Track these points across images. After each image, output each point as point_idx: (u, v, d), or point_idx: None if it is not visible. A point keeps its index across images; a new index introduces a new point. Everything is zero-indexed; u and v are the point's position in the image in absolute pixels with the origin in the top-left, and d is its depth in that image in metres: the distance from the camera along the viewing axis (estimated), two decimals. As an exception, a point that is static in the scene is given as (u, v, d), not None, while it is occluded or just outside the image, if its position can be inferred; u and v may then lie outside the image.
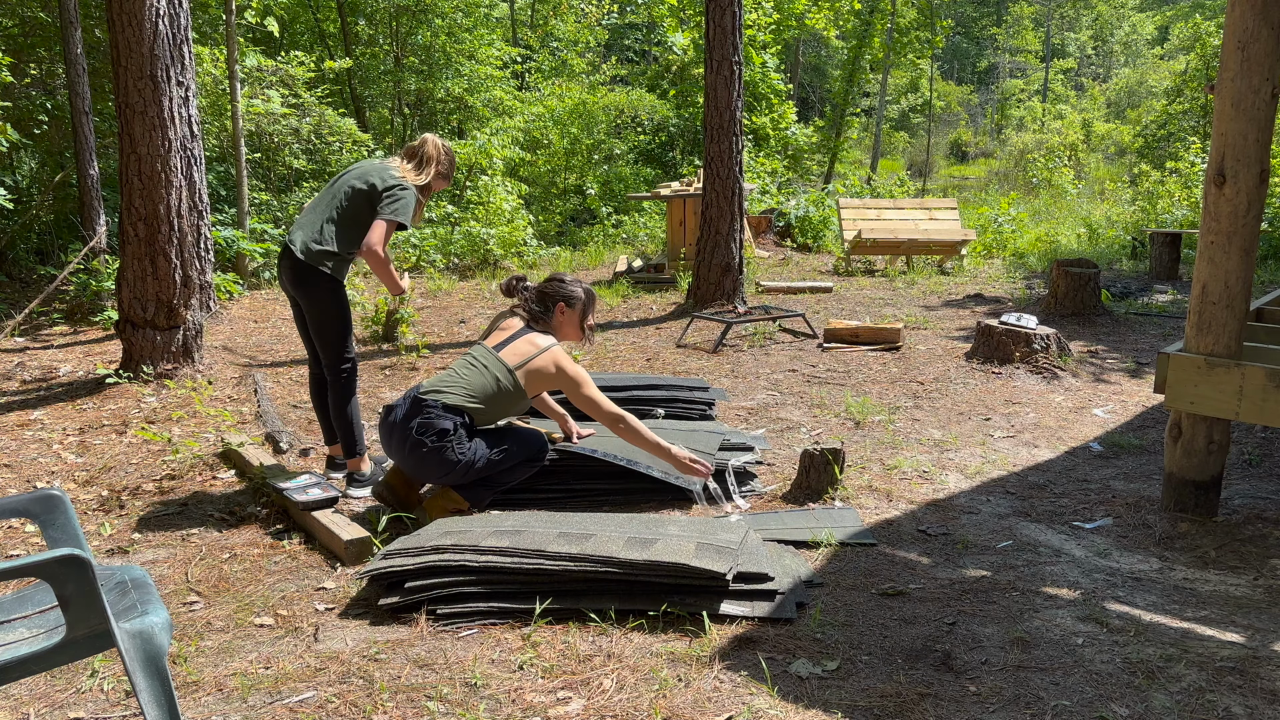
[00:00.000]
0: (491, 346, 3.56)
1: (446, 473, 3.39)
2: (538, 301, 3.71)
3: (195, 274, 5.93)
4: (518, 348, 3.53)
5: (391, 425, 3.42)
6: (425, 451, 3.33)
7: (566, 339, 3.76)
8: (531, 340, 3.55)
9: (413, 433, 3.33)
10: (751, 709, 2.30)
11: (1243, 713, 2.27)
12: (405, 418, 3.38)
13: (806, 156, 19.04)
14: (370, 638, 2.70)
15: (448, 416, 3.36)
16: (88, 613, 1.78)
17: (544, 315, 3.69)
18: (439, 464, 3.36)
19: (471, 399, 3.43)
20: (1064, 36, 41.51)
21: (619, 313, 8.43)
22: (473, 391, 3.44)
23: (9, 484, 4.11)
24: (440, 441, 3.33)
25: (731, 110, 7.94)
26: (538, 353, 3.51)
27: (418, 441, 3.33)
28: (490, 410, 3.48)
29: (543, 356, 3.51)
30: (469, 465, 3.38)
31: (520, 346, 3.53)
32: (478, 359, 3.53)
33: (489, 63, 14.97)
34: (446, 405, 3.38)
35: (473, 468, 3.40)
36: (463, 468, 3.38)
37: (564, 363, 3.52)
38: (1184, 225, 12.07)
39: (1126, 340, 6.90)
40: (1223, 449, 3.54)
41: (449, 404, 3.39)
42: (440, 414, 3.36)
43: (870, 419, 4.99)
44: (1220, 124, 3.32)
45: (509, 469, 3.51)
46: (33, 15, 9.91)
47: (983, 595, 2.95)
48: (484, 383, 3.45)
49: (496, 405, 3.48)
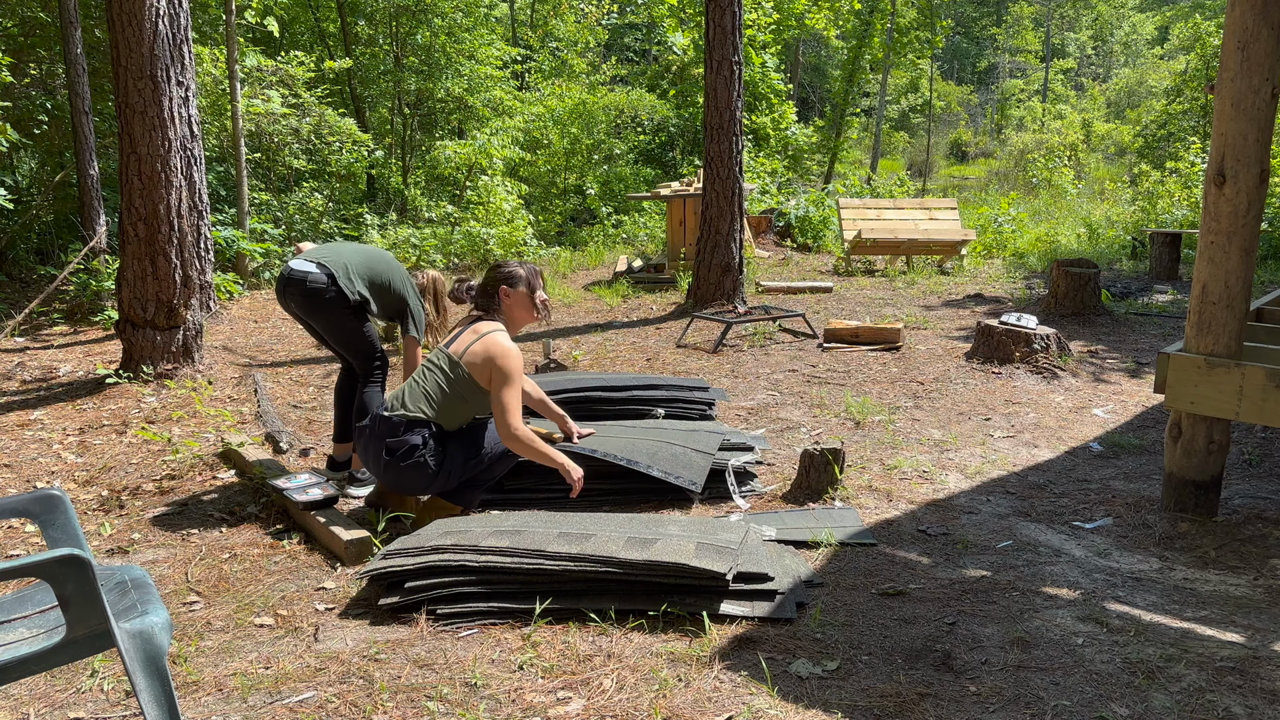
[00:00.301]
0: (444, 345, 3.50)
1: (427, 484, 3.36)
2: (482, 295, 3.60)
3: (195, 274, 5.93)
4: (464, 340, 3.44)
5: (365, 446, 3.39)
6: (402, 468, 3.30)
7: (521, 322, 3.62)
8: (474, 329, 3.46)
9: (384, 454, 3.30)
10: (751, 709, 2.30)
11: (1243, 713, 2.27)
12: (375, 437, 3.34)
13: (806, 156, 19.04)
14: (370, 638, 2.70)
15: (415, 431, 3.31)
16: (88, 613, 1.78)
17: (492, 305, 3.58)
18: (417, 478, 3.33)
19: (430, 405, 3.36)
20: (1064, 36, 41.51)
21: (619, 313, 8.43)
22: (431, 397, 3.37)
23: (9, 484, 4.11)
24: (412, 458, 3.28)
25: (731, 110, 7.94)
26: (475, 339, 3.41)
27: (390, 462, 3.30)
28: (452, 411, 3.39)
29: (478, 344, 3.39)
30: (447, 474, 3.35)
31: (466, 338, 3.44)
32: (431, 362, 3.46)
33: (489, 63, 14.97)
34: (410, 420, 3.33)
35: (452, 475, 3.37)
36: (442, 477, 3.35)
37: (495, 351, 3.35)
38: (1184, 225, 12.07)
39: (1126, 340, 6.90)
40: (1223, 449, 3.54)
41: (411, 417, 3.33)
42: (406, 430, 3.31)
43: (870, 419, 4.99)
44: (1220, 124, 3.32)
45: (489, 465, 3.47)
46: (33, 15, 9.91)
47: (983, 595, 2.95)
48: (437, 384, 3.38)
49: (455, 404, 3.39)
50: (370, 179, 13.94)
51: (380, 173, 13.99)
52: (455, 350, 3.42)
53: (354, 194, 12.69)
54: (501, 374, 3.34)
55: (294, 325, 7.87)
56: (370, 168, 13.08)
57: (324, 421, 5.07)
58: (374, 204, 13.58)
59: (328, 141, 11.46)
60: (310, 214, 10.89)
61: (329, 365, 6.43)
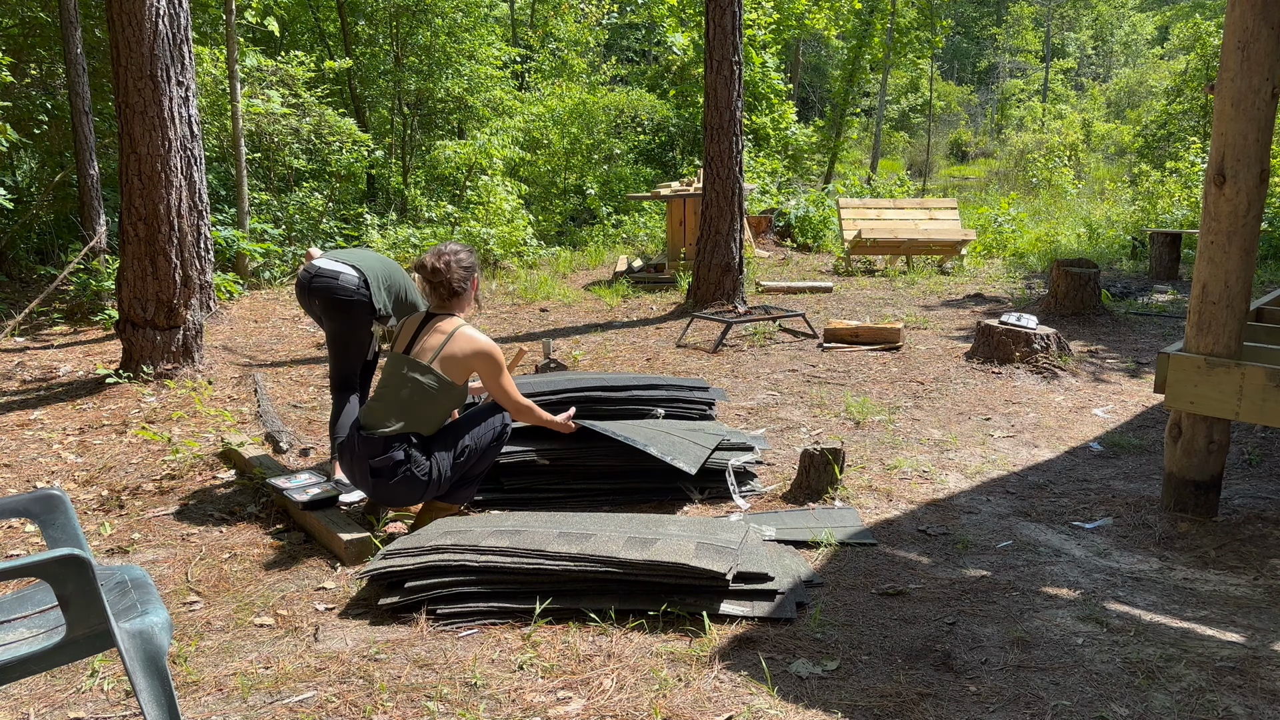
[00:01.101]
0: (401, 351, 3.37)
1: (419, 495, 3.33)
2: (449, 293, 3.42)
3: (195, 274, 5.93)
4: (429, 341, 3.32)
5: (350, 466, 3.34)
6: (392, 485, 3.25)
7: (466, 314, 3.53)
8: (438, 330, 3.35)
9: (370, 474, 3.26)
10: (751, 709, 2.30)
11: (1243, 713, 2.27)
12: (359, 459, 3.28)
13: (806, 156, 19.03)
14: (370, 638, 2.70)
15: (396, 447, 3.22)
16: (88, 613, 1.78)
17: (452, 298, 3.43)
18: (407, 491, 3.28)
19: (406, 416, 3.26)
20: (1064, 36, 41.50)
21: (619, 313, 8.43)
22: (405, 407, 3.26)
23: (9, 484, 4.11)
24: (397, 474, 3.23)
25: (731, 110, 7.94)
26: (445, 339, 3.30)
27: (379, 482, 3.25)
28: (427, 416, 3.30)
29: (453, 344, 3.30)
30: (437, 481, 3.30)
31: (431, 339, 3.32)
32: (393, 372, 3.34)
33: (489, 63, 14.97)
34: (388, 437, 3.24)
35: (443, 480, 3.31)
36: (433, 485, 3.30)
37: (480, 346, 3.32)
38: (1184, 225, 12.07)
39: (1126, 340, 6.90)
40: (1223, 449, 3.54)
41: (389, 434, 3.24)
42: (386, 447, 3.22)
43: (870, 419, 4.98)
44: (1220, 124, 3.32)
45: (478, 459, 3.41)
46: (33, 15, 9.91)
47: (983, 595, 2.95)
48: (409, 394, 3.27)
49: (429, 408, 3.30)
50: (370, 179, 13.93)
51: (380, 173, 13.98)
52: (421, 355, 3.30)
53: (354, 194, 12.69)
54: (494, 364, 3.35)
55: (294, 325, 7.87)
56: (370, 168, 13.08)
57: (323, 421, 5.07)
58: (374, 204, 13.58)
59: (328, 141, 11.45)
60: (310, 214, 10.89)
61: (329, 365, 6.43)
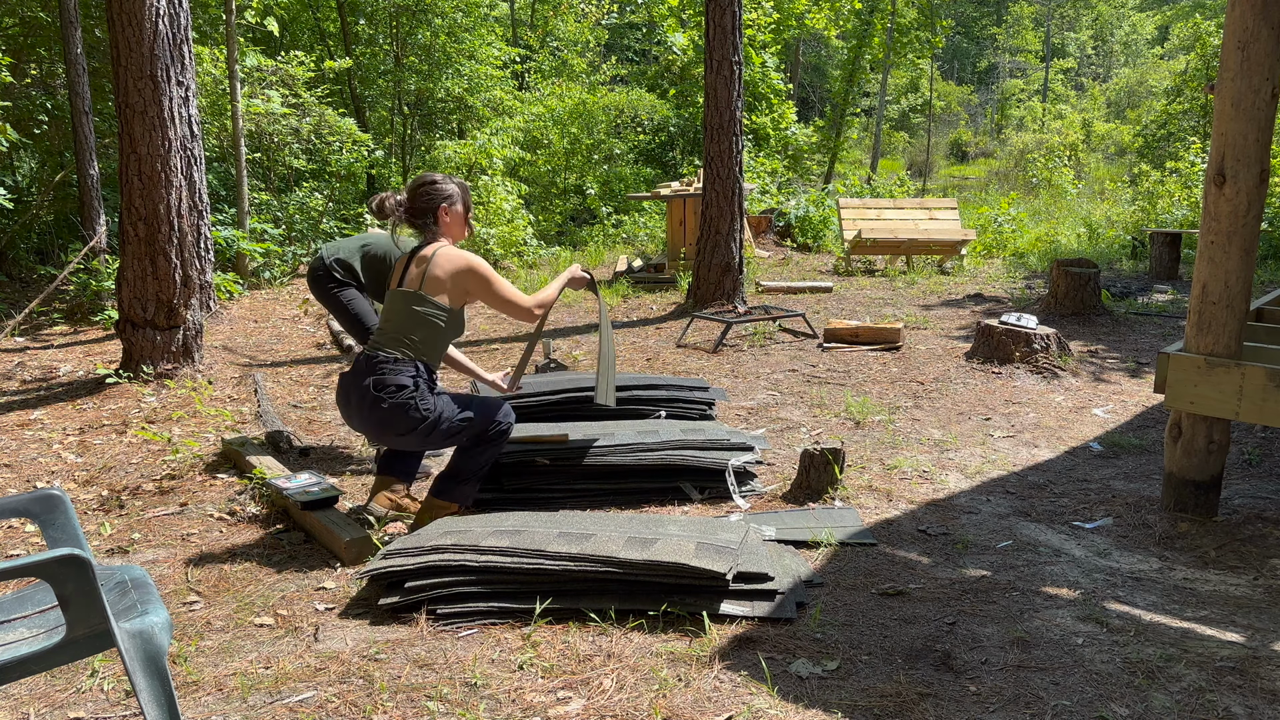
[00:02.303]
0: (394, 287, 3.37)
1: (410, 430, 3.22)
2: (418, 217, 3.42)
3: (195, 274, 5.93)
4: (412, 273, 3.31)
5: (348, 387, 3.25)
6: (386, 408, 3.16)
7: (457, 239, 3.51)
8: (419, 257, 3.35)
9: (370, 389, 3.16)
10: (751, 709, 2.30)
11: (1243, 713, 2.27)
12: (358, 374, 3.22)
13: (806, 156, 19.03)
14: (370, 638, 2.70)
15: (404, 371, 3.19)
16: (88, 613, 1.78)
17: (428, 225, 3.41)
18: (401, 420, 3.19)
19: (410, 339, 3.25)
20: (1064, 36, 41.51)
21: (619, 312, 8.43)
22: (405, 336, 3.25)
23: (9, 484, 4.11)
24: (399, 396, 3.16)
25: (731, 110, 7.94)
26: (425, 265, 3.29)
27: (376, 398, 3.16)
28: (429, 342, 3.28)
29: (433, 267, 3.28)
30: (434, 424, 3.22)
31: (414, 270, 3.32)
32: (390, 303, 3.35)
33: (489, 63, 14.98)
34: (396, 357, 3.21)
35: (437, 428, 3.23)
36: (427, 426, 3.21)
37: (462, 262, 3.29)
38: (1184, 225, 12.07)
39: (1126, 340, 6.90)
40: (1223, 449, 3.54)
41: (398, 355, 3.22)
42: (394, 367, 3.18)
43: (870, 419, 4.99)
44: (1220, 124, 3.32)
45: (479, 453, 3.38)
46: (33, 15, 9.91)
47: (983, 595, 2.95)
48: (408, 320, 3.26)
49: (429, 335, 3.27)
50: (370, 179, 13.93)
51: (380, 173, 13.99)
52: (408, 286, 3.30)
53: (354, 194, 12.69)
54: (481, 278, 3.31)
55: (294, 325, 7.87)
56: (370, 168, 13.08)
57: (324, 421, 5.07)
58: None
59: (328, 141, 11.46)
60: (310, 214, 10.89)
61: (329, 365, 6.43)
